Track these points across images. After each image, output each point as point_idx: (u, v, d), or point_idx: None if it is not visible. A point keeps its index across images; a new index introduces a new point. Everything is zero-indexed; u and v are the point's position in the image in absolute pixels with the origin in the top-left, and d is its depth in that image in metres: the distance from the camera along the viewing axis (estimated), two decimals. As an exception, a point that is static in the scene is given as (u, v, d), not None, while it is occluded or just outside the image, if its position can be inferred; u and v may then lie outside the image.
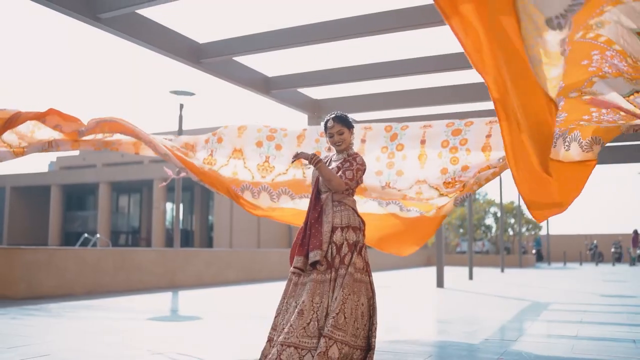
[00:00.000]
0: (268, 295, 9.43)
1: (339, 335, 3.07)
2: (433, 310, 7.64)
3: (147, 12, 4.29)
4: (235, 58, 5.06)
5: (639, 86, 2.65)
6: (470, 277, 14.54)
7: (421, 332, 5.44)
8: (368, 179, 4.68)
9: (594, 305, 8.01)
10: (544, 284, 12.77)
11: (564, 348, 4.43)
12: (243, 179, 4.77)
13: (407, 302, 8.58)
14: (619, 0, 2.19)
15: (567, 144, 4.10)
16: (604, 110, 3.26)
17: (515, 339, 4.91)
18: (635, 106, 2.89)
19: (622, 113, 3.15)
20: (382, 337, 4.65)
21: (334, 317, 3.08)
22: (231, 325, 5.67)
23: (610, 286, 12.11)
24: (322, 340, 3.02)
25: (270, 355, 3.13)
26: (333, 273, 3.21)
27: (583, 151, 4.00)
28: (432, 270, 19.22)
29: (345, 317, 3.12)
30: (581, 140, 4.00)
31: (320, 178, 3.44)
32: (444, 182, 4.60)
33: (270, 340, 3.32)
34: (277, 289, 10.12)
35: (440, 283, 11.74)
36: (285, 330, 3.09)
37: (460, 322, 6.10)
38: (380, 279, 13.84)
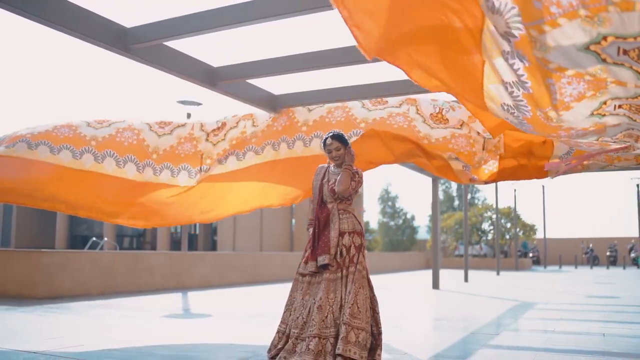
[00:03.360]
0: (271, 296, 9.94)
1: (355, 323, 3.65)
2: (426, 309, 8.15)
3: (170, 42, 4.85)
4: (247, 80, 5.61)
5: (603, 28, 1.99)
6: (466, 280, 15.05)
7: (412, 326, 5.97)
8: None
9: (577, 305, 8.54)
10: (536, 286, 13.27)
11: (540, 341, 4.97)
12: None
13: (402, 302, 9.09)
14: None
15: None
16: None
17: (498, 333, 5.45)
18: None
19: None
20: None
21: (350, 307, 3.66)
22: (240, 322, 6.18)
23: (598, 288, 12.62)
24: (343, 327, 3.60)
25: (286, 347, 3.69)
26: (344, 271, 3.78)
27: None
28: (430, 273, 19.70)
29: (358, 307, 3.70)
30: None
31: (325, 190, 3.98)
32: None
33: (279, 332, 3.86)
34: (279, 290, 10.67)
35: (436, 285, 12.25)
36: (310, 324, 3.65)
37: (450, 319, 6.62)
38: (379, 281, 14.36)
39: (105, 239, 23.31)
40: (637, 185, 22.88)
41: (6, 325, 5.56)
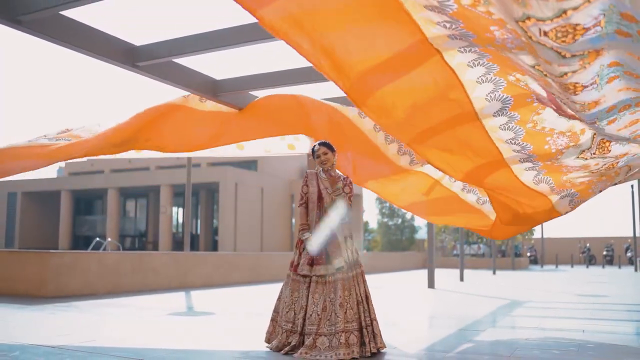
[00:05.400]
0: (272, 295, 10.23)
1: (375, 317, 4.19)
2: (419, 307, 8.47)
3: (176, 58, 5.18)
4: (249, 92, 5.96)
5: (526, 9, 2.21)
6: (461, 279, 15.36)
7: (404, 324, 6.29)
8: None
9: (566, 303, 8.86)
10: (529, 285, 13.57)
11: (522, 336, 5.29)
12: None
13: (396, 301, 9.40)
14: None
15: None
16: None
17: (485, 329, 5.78)
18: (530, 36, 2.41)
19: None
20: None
21: (370, 304, 4.19)
22: (243, 320, 6.50)
23: (590, 287, 12.92)
24: (373, 322, 4.13)
25: (306, 344, 3.98)
26: (354, 271, 4.21)
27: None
28: (426, 272, 19.98)
29: (372, 304, 4.24)
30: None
31: (326, 198, 4.33)
32: None
33: (286, 331, 4.16)
34: (280, 289, 10.89)
35: (431, 284, 12.54)
36: (334, 320, 4.00)
37: (441, 316, 6.95)
38: (376, 281, 14.69)
39: (109, 239, 23.65)
40: (632, 186, 23.22)
41: (19, 323, 5.88)
